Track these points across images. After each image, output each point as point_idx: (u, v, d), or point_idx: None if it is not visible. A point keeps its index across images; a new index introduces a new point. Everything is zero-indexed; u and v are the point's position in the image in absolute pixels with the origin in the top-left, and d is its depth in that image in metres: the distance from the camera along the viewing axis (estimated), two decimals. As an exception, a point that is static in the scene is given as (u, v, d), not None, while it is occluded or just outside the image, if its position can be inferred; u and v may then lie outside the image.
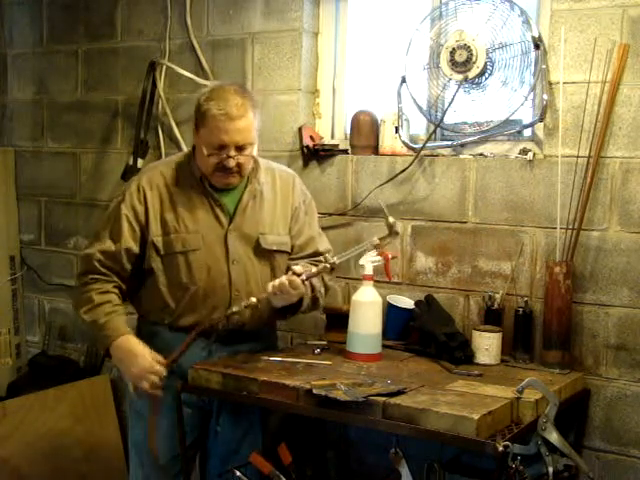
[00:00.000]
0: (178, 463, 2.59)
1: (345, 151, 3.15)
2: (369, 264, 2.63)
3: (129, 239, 2.49)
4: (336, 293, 3.11)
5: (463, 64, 2.81)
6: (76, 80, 3.86)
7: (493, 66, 2.80)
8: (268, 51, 3.29)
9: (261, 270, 2.56)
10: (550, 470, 2.17)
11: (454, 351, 2.63)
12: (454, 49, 2.81)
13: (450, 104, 2.85)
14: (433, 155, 2.96)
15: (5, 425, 3.36)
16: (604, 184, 2.64)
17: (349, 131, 3.18)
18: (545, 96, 2.71)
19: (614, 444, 2.65)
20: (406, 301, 2.93)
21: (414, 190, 2.98)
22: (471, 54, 2.79)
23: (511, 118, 2.81)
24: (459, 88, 2.82)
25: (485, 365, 2.61)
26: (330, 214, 3.12)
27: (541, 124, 2.76)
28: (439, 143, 2.99)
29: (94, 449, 3.53)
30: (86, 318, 2.48)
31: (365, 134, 3.09)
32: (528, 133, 2.88)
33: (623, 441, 2.64)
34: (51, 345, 3.98)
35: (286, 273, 2.56)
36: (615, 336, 2.64)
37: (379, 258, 2.63)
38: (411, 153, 2.97)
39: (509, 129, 2.84)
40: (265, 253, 2.58)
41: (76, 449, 3.47)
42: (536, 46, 2.72)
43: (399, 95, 3.01)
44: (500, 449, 1.97)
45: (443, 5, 2.94)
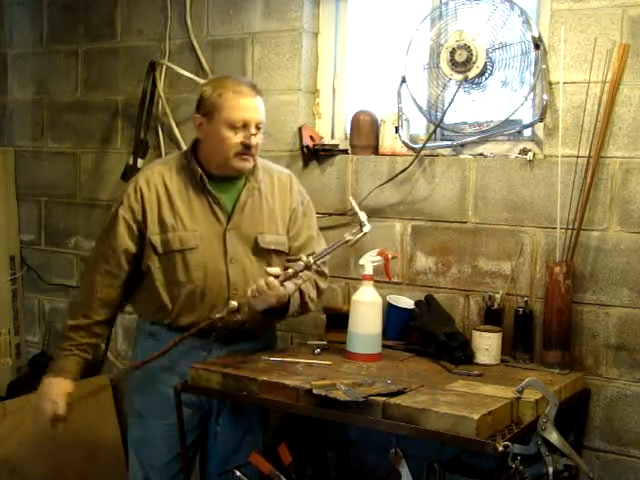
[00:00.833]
0: (178, 463, 2.59)
1: (345, 151, 3.15)
2: (369, 264, 2.63)
3: (127, 240, 2.50)
4: (336, 293, 3.12)
5: (463, 64, 2.81)
6: (76, 80, 3.86)
7: (493, 66, 2.80)
8: (268, 51, 3.29)
9: (259, 269, 2.55)
10: (550, 470, 2.17)
11: (454, 351, 2.63)
12: (454, 49, 2.81)
13: (450, 104, 2.85)
14: (433, 155, 2.96)
15: (5, 425, 3.36)
16: (604, 184, 2.64)
17: (349, 131, 3.18)
18: (545, 96, 2.71)
19: (614, 444, 2.65)
20: (406, 301, 2.93)
21: (414, 190, 2.98)
22: (471, 54, 2.79)
23: (511, 118, 2.81)
24: (459, 88, 2.82)
25: (485, 365, 2.61)
26: (330, 214, 3.12)
27: (541, 124, 2.76)
28: (439, 143, 2.99)
29: (94, 449, 3.53)
30: (64, 330, 2.58)
31: (365, 134, 3.09)
32: (528, 133, 2.88)
33: (623, 441, 2.64)
34: (51, 345, 3.97)
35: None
36: (615, 336, 2.64)
37: (379, 258, 2.63)
38: (411, 153, 2.97)
39: (509, 129, 2.84)
40: (263, 252, 2.57)
41: (76, 449, 3.47)
42: (536, 46, 2.72)
43: (399, 95, 3.01)
44: (500, 449, 1.97)
45: (443, 5, 2.94)
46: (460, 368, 2.54)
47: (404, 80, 2.99)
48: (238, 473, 2.49)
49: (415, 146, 2.98)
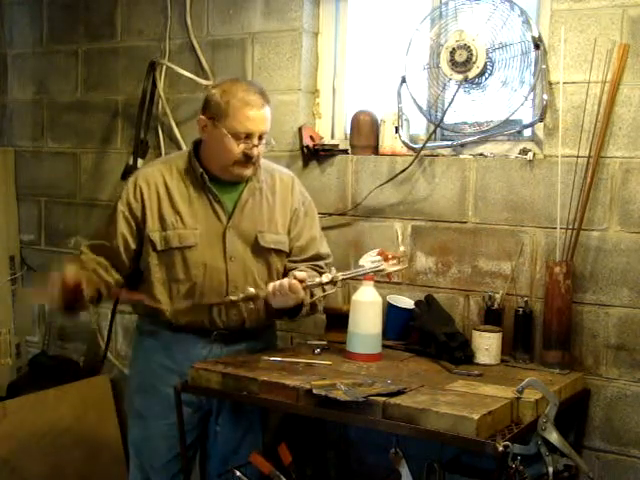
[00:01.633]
0: (178, 463, 2.59)
1: (345, 151, 3.15)
2: (369, 264, 2.63)
3: (125, 232, 2.50)
4: (336, 293, 3.10)
5: (463, 64, 2.81)
6: (76, 80, 3.86)
7: (493, 66, 2.80)
8: (268, 51, 3.29)
9: (258, 268, 2.56)
10: (550, 470, 2.16)
11: (454, 351, 2.63)
12: (454, 49, 2.81)
13: (450, 104, 2.85)
14: (433, 155, 2.96)
15: (5, 425, 3.36)
16: (604, 184, 2.64)
17: (349, 131, 3.18)
18: (545, 96, 2.71)
19: (614, 444, 2.65)
20: (406, 301, 2.93)
21: (414, 190, 2.98)
22: (471, 54, 2.79)
23: (511, 118, 2.81)
24: (459, 88, 2.82)
25: (485, 365, 2.61)
26: (330, 214, 3.12)
27: (541, 124, 2.76)
28: (439, 143, 2.99)
29: (94, 449, 3.53)
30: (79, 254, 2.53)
31: (365, 134, 3.09)
32: (528, 133, 2.88)
33: (623, 441, 2.64)
34: (51, 345, 3.98)
35: (284, 274, 2.58)
36: (615, 336, 2.64)
37: (379, 258, 2.63)
38: (411, 153, 2.97)
39: (509, 129, 2.84)
40: (263, 251, 2.58)
41: (76, 449, 3.47)
42: (536, 46, 2.72)
43: (399, 95, 3.01)
44: (500, 449, 1.97)
45: (443, 5, 2.94)
46: (460, 368, 2.54)
47: (404, 80, 2.99)
48: (238, 473, 2.49)
49: (415, 146, 2.98)
